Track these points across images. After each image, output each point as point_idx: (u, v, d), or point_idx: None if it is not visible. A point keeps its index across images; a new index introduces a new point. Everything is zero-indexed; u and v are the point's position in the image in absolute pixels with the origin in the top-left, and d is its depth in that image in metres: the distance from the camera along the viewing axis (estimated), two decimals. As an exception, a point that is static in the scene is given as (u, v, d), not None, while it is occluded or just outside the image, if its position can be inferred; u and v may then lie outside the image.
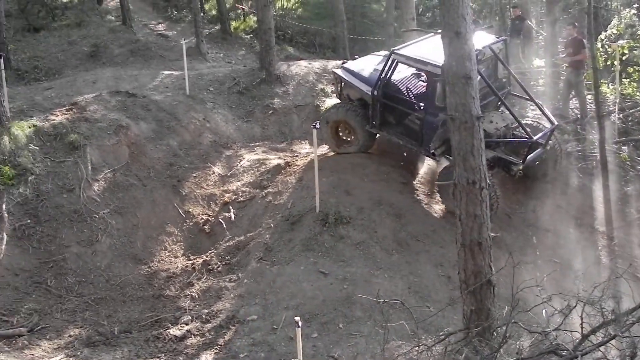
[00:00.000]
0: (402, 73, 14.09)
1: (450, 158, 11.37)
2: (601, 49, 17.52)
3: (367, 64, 14.79)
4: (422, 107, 13.01)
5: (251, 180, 14.69)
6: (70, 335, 10.44)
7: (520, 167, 12.57)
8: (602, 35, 18.61)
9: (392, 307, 9.75)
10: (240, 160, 15.81)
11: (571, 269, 11.81)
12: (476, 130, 7.74)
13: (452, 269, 11.15)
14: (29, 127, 14.48)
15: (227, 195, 14.61)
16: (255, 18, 26.89)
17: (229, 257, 12.60)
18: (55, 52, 24.20)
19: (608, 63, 17.43)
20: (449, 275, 11.18)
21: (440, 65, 11.07)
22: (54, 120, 15.10)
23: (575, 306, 6.61)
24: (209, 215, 14.25)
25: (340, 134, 14.56)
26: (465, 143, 7.76)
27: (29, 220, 12.73)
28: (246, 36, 28.81)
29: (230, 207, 14.17)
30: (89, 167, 14.06)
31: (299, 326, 7.82)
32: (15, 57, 23.03)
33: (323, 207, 12.22)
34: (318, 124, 12.56)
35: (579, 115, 16.74)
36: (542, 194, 13.85)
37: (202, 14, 27.55)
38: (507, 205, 13.52)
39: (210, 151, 16.29)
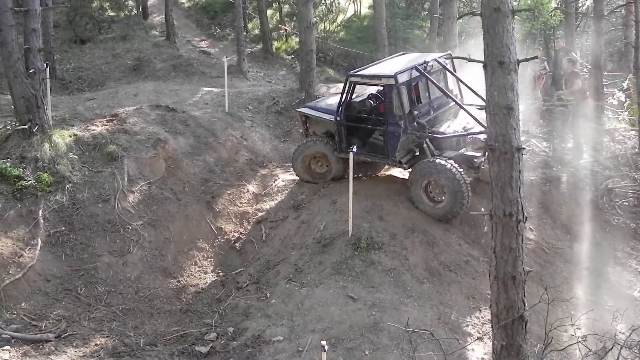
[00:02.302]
0: (360, 96, 14.87)
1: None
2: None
3: (328, 100, 16.00)
4: (382, 120, 13.58)
5: (285, 201, 14.65)
6: (96, 344, 10.43)
7: (483, 160, 12.89)
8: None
9: (420, 337, 9.60)
10: (275, 180, 15.81)
11: (608, 309, 11.51)
12: (515, 162, 7.60)
13: (483, 301, 10.98)
14: (70, 136, 14.67)
15: (260, 214, 14.58)
16: (297, 39, 27.11)
17: (258, 276, 12.56)
18: (99, 64, 24.61)
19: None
20: (480, 308, 10.99)
21: (393, 75, 12.66)
22: (94, 130, 15.28)
23: (612, 348, 6.41)
24: (241, 233, 14.24)
25: (313, 168, 15.03)
26: (504, 174, 7.64)
27: (63, 228, 12.84)
28: (287, 57, 29.02)
29: (262, 226, 14.14)
30: (126, 178, 14.16)
31: (324, 350, 7.72)
32: (61, 67, 23.48)
33: (355, 231, 12.14)
34: (355, 147, 12.61)
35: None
36: (581, 231, 13.59)
37: (245, 33, 27.82)
38: (544, 240, 13.28)
39: (245, 169, 16.32)
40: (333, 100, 15.04)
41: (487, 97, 7.80)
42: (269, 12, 31.86)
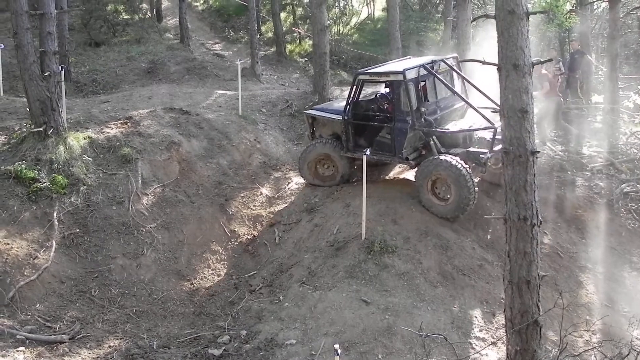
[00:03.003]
0: (367, 96, 15.46)
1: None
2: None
3: (335, 103, 16.38)
4: (389, 117, 13.80)
5: (298, 204, 14.65)
6: (109, 346, 10.46)
7: (489, 156, 12.90)
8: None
9: (433, 341, 9.56)
10: (289, 183, 15.83)
11: (624, 315, 11.42)
12: (530, 165, 7.56)
13: (497, 306, 10.91)
14: (84, 139, 14.74)
15: (273, 217, 14.59)
16: (310, 42, 27.14)
17: (271, 279, 12.55)
18: (114, 66, 24.73)
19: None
20: (494, 312, 10.92)
21: (401, 71, 12.86)
22: (108, 133, 15.34)
23: (628, 354, 6.36)
24: (254, 236, 14.25)
25: (320, 171, 15.10)
26: (518, 178, 7.60)
27: (78, 230, 12.90)
28: (301, 59, 29.04)
29: (276, 229, 14.14)
30: (140, 181, 14.21)
31: (337, 354, 7.70)
32: (76, 70, 23.60)
33: (369, 235, 12.12)
34: (368, 150, 12.64)
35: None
36: (596, 235, 13.49)
37: (258, 36, 27.86)
38: (558, 245, 13.20)
39: (259, 172, 16.34)
40: (341, 103, 15.11)
41: (501, 100, 7.76)
42: (283, 14, 31.91)
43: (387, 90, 14.44)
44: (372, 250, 11.79)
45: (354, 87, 13.93)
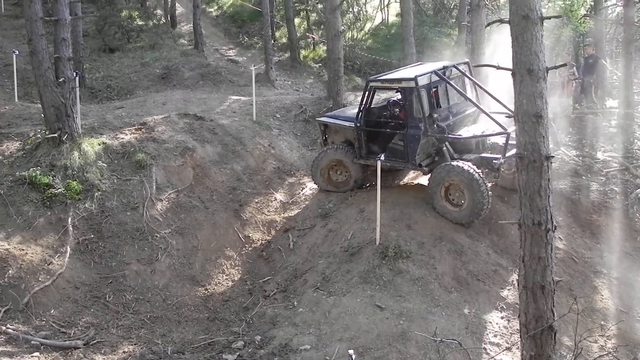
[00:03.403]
0: (379, 102, 15.42)
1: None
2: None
3: (348, 110, 16.19)
4: (402, 124, 13.74)
5: (312, 209, 14.65)
6: (124, 352, 10.49)
7: (502, 161, 12.93)
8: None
9: (448, 346, 9.53)
10: (303, 188, 15.83)
11: (639, 320, 11.34)
12: (544, 170, 7.53)
13: (512, 311, 10.87)
14: (99, 144, 14.82)
15: (287, 222, 14.59)
16: (324, 47, 27.14)
17: (285, 285, 12.55)
18: (128, 72, 24.83)
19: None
20: (509, 317, 10.88)
21: (413, 77, 12.86)
22: (123, 138, 15.41)
23: (643, 360, 6.31)
24: (268, 241, 14.26)
25: (334, 178, 15.04)
26: (532, 183, 7.56)
27: (92, 235, 12.96)
28: (315, 65, 29.07)
29: (290, 235, 14.14)
30: (154, 186, 14.26)
31: (351, 359, 7.68)
32: (90, 76, 23.72)
33: (383, 240, 12.09)
34: (382, 156, 12.61)
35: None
36: (611, 240, 13.41)
37: (272, 42, 27.90)
38: (573, 250, 13.13)
39: (273, 177, 16.36)
40: (353, 111, 15.10)
41: (515, 105, 7.73)
42: (297, 20, 31.95)
43: (399, 96, 14.40)
44: (386, 256, 11.77)
45: (366, 93, 13.92)
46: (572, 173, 15.56)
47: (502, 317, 10.95)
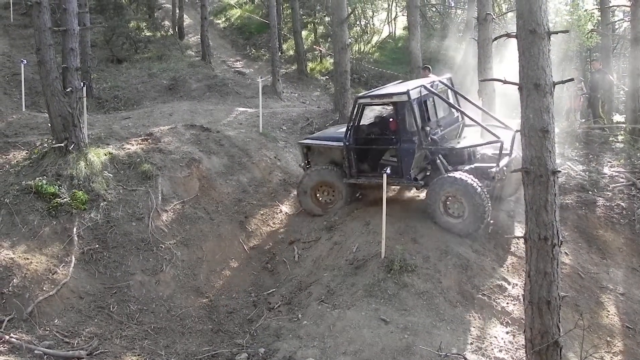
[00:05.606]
0: (368, 119, 15.41)
1: None
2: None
3: (329, 130, 16.47)
4: (395, 139, 13.64)
5: (317, 221, 14.62)
6: (127, 363, 10.49)
7: (497, 170, 12.92)
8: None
9: (453, 361, 9.47)
10: (308, 201, 15.79)
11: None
12: (551, 185, 7.52)
13: (517, 326, 10.80)
14: (105, 154, 14.85)
15: (292, 234, 14.57)
16: (331, 60, 27.20)
17: (290, 297, 12.52)
18: (135, 83, 24.95)
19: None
20: (514, 332, 10.81)
21: (406, 91, 12.83)
22: (129, 149, 15.45)
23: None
24: (273, 254, 14.23)
25: (320, 199, 14.91)
26: (539, 197, 7.55)
27: (97, 245, 12.96)
28: (322, 77, 29.14)
29: (295, 247, 14.12)
30: (159, 197, 14.28)
31: (356, 373, 7.65)
32: (97, 86, 23.86)
33: (388, 253, 12.05)
34: (388, 169, 12.57)
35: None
36: (617, 256, 13.35)
37: (279, 54, 27.99)
38: (579, 265, 13.06)
39: (279, 189, 16.36)
40: (338, 130, 15.10)
41: (522, 119, 7.74)
42: (304, 33, 32.07)
43: (390, 112, 14.39)
44: (391, 269, 11.73)
45: (355, 111, 13.91)
46: (579, 188, 15.49)
47: (507, 332, 10.89)
